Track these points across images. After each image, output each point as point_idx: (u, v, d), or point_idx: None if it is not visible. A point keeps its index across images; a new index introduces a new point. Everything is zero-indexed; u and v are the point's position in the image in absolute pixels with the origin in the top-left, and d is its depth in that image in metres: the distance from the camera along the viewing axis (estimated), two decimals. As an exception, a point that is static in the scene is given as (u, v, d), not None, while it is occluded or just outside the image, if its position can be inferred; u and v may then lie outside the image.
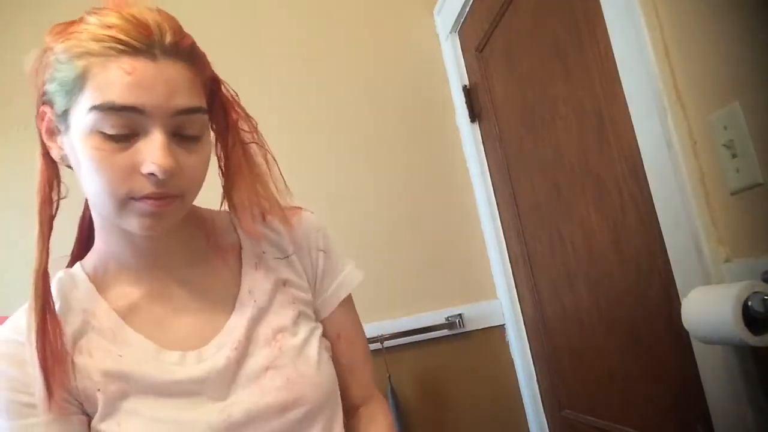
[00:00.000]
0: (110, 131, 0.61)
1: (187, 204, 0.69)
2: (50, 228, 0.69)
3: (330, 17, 1.84)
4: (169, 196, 0.64)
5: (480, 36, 1.62)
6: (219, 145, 0.75)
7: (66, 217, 1.68)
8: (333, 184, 1.75)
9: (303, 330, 0.78)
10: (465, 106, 1.75)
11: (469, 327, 1.70)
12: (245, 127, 0.75)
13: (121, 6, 0.63)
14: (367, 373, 0.87)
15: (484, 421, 1.67)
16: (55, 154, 0.69)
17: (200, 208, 0.80)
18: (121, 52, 0.61)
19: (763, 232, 0.79)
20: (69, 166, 0.69)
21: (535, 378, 1.65)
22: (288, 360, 0.74)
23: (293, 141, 1.72)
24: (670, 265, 0.95)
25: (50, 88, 0.65)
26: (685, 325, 0.81)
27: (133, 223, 0.65)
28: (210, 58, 0.72)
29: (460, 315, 1.69)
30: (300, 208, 0.83)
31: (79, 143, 0.63)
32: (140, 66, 0.61)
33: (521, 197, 1.56)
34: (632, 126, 0.99)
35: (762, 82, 0.75)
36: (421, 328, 1.66)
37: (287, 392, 0.72)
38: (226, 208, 0.78)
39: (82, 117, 0.62)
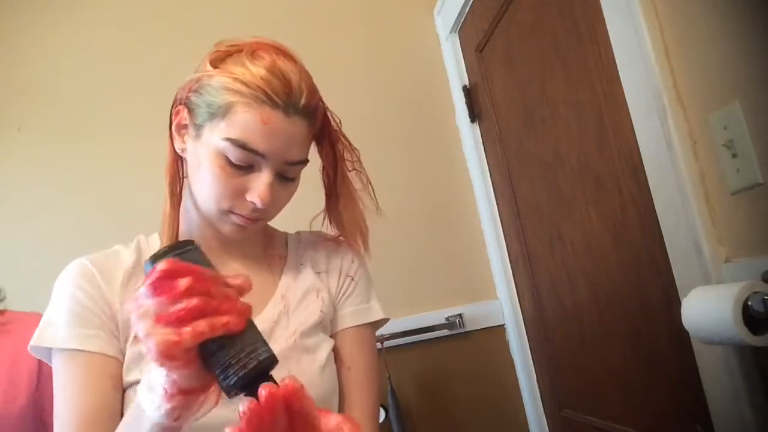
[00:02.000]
0: (234, 161, 0.74)
1: (266, 222, 0.85)
2: (179, 200, 0.83)
3: (330, 17, 1.84)
4: (259, 219, 0.79)
5: (480, 36, 1.62)
6: (325, 173, 0.88)
7: (68, 218, 1.66)
8: (333, 184, 1.75)
9: (318, 336, 0.85)
10: (465, 106, 1.75)
11: (469, 327, 1.70)
12: (348, 156, 0.89)
13: (272, 54, 0.75)
14: (354, 410, 0.85)
15: (484, 421, 1.66)
16: (177, 145, 0.81)
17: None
18: (264, 102, 0.73)
19: (763, 232, 0.79)
20: (182, 157, 0.81)
21: (535, 378, 1.64)
22: (296, 354, 0.81)
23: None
24: (670, 265, 0.95)
25: (196, 99, 0.77)
26: (685, 325, 0.81)
27: (225, 228, 0.80)
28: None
29: (460, 315, 1.69)
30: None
31: (205, 154, 0.76)
32: (275, 118, 0.73)
33: (521, 197, 1.56)
34: (632, 126, 0.99)
35: (762, 82, 0.75)
36: (421, 328, 1.66)
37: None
38: (326, 224, 0.91)
39: (215, 139, 0.75)
